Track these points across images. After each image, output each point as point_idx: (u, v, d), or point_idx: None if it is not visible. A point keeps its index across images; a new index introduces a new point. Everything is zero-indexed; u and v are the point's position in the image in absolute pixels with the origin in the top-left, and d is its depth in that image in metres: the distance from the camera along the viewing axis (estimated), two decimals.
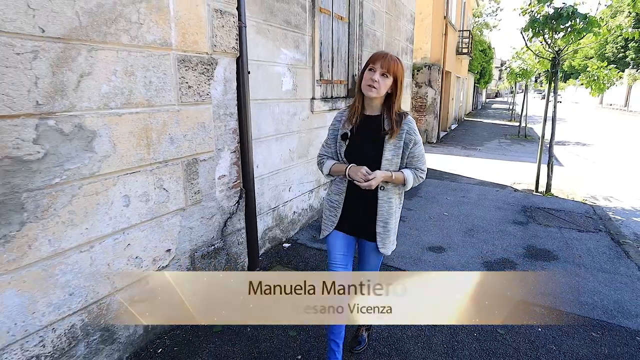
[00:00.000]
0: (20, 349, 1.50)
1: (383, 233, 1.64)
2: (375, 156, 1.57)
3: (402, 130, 1.57)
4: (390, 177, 1.56)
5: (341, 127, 1.65)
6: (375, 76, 1.52)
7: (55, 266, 1.57)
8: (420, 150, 1.63)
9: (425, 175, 1.66)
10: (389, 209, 1.63)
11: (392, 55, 1.56)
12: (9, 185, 1.39)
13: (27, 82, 1.40)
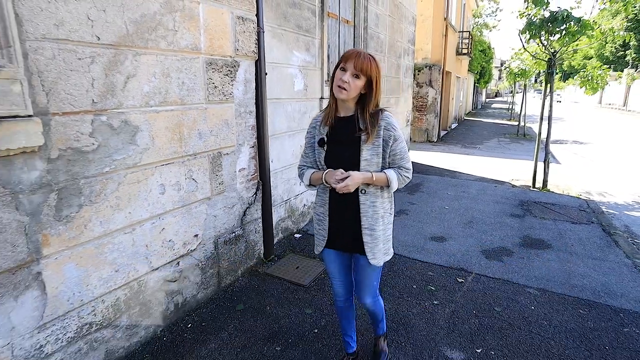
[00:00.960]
0: (77, 316, 1.72)
1: (371, 242, 1.51)
2: (353, 158, 1.46)
3: (379, 127, 1.45)
4: (370, 178, 1.44)
5: (317, 133, 1.55)
6: (346, 76, 1.39)
7: (104, 245, 1.79)
8: (402, 147, 1.50)
9: (412, 174, 1.55)
10: (373, 214, 1.51)
11: (365, 54, 1.42)
12: (70, 172, 1.61)
13: (85, 83, 1.62)
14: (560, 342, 2.13)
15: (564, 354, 2.03)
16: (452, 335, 2.16)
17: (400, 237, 3.54)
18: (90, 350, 1.80)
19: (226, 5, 2.31)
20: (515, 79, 12.02)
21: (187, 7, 2.05)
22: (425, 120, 10.64)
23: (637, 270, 2.99)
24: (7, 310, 1.46)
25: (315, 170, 1.57)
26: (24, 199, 1.46)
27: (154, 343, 2.07)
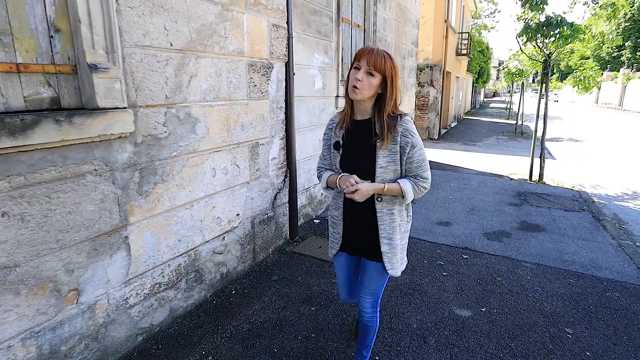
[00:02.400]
0: (151, 276, 2.06)
1: (389, 252, 1.47)
2: (369, 164, 1.41)
3: (397, 133, 1.37)
4: (382, 189, 1.39)
5: (333, 136, 1.52)
6: (359, 74, 1.33)
7: (171, 217, 2.13)
8: (421, 155, 1.41)
9: (430, 185, 1.46)
10: (391, 222, 1.47)
11: (379, 50, 1.36)
12: (149, 155, 1.95)
13: (161, 81, 1.96)
14: (552, 303, 2.49)
15: (555, 312, 2.39)
16: (460, 298, 2.52)
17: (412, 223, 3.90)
18: (159, 307, 2.14)
19: (264, 15, 2.66)
20: (513, 79, 12.42)
21: (234, 17, 2.39)
22: (426, 119, 11.01)
23: (620, 249, 3.36)
24: (105, 266, 1.81)
25: (332, 173, 1.53)
26: (118, 175, 1.81)
27: (206, 305, 2.41)
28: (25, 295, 1.52)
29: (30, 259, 1.52)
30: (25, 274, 1.51)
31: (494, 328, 2.22)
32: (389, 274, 1.55)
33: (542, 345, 2.08)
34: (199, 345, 2.04)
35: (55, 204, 1.57)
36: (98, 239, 1.76)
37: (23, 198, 1.47)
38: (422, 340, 2.10)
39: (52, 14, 1.56)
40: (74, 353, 1.73)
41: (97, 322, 1.81)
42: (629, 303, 2.51)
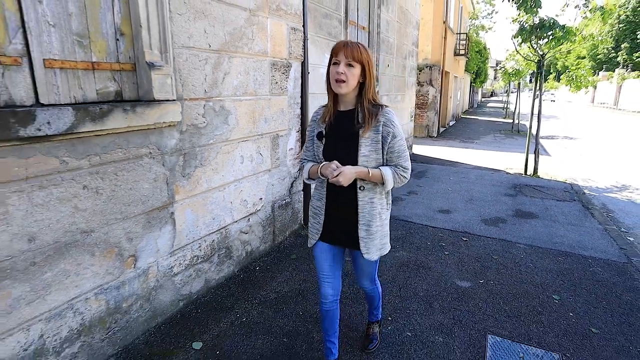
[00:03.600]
0: (190, 249, 2.34)
1: (366, 237, 1.54)
2: (352, 153, 1.46)
3: (379, 122, 1.44)
4: (366, 173, 1.44)
5: (316, 127, 1.57)
6: (341, 68, 1.40)
7: (207, 198, 2.42)
8: (401, 145, 1.48)
9: (409, 175, 1.52)
10: (371, 210, 1.52)
11: (353, 42, 1.44)
12: (191, 142, 2.24)
13: (201, 78, 2.25)
14: (542, 276, 2.80)
15: (544, 282, 2.70)
16: (460, 273, 2.82)
17: (414, 211, 4.20)
18: (196, 277, 2.43)
19: (284, 19, 2.95)
20: (510, 79, 12.76)
21: (260, 22, 2.68)
22: (426, 117, 11.33)
23: (606, 233, 3.67)
24: (155, 237, 2.09)
25: (314, 164, 1.57)
26: (167, 158, 2.09)
27: (234, 279, 2.70)
28: (98, 257, 1.80)
29: (102, 226, 1.80)
30: (98, 239, 1.79)
31: (490, 296, 2.52)
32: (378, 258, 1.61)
33: (532, 309, 2.38)
34: (233, 310, 2.33)
35: (120, 180, 1.86)
36: (151, 213, 2.05)
37: (98, 174, 1.75)
38: (429, 305, 2.40)
39: (119, 21, 1.85)
40: (132, 310, 2.02)
41: (149, 286, 2.10)
42: (610, 276, 2.82)
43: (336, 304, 1.72)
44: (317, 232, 1.64)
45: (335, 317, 1.74)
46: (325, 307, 1.70)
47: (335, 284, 1.70)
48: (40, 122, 1.47)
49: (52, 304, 1.65)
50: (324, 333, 1.78)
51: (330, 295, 1.68)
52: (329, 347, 1.78)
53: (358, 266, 1.72)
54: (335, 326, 1.76)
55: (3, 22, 1.43)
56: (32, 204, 1.53)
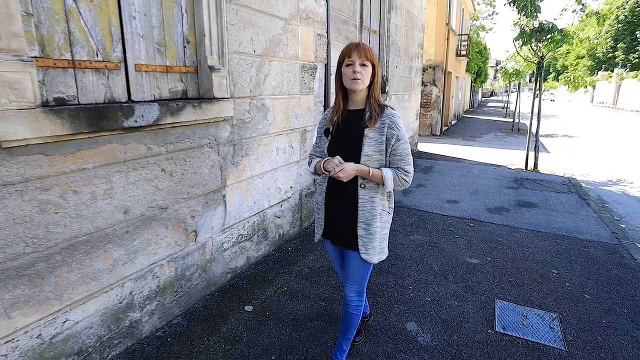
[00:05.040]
0: (237, 228, 2.69)
1: (365, 236, 1.53)
2: (355, 150, 1.49)
3: (384, 124, 1.48)
4: (366, 172, 1.46)
5: (325, 124, 1.62)
6: (357, 67, 1.46)
7: (251, 184, 2.77)
8: (405, 149, 1.50)
9: (411, 180, 1.53)
10: (371, 209, 1.53)
11: (363, 44, 1.51)
12: (239, 134, 2.58)
13: (247, 79, 2.59)
14: (542, 255, 3.15)
15: (544, 260, 3.05)
16: (469, 252, 3.17)
17: (424, 201, 4.56)
18: (240, 253, 2.77)
19: (311, 27, 3.29)
20: (510, 79, 13.11)
21: (293, 29, 3.03)
22: (429, 116, 11.68)
23: (600, 220, 4.03)
24: (211, 216, 2.43)
25: (320, 159, 1.59)
26: (221, 148, 2.43)
27: (270, 257, 3.04)
28: (170, 230, 2.14)
29: (173, 204, 2.14)
30: (171, 215, 2.14)
31: (497, 270, 2.87)
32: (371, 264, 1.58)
33: (534, 280, 2.73)
34: (274, 282, 2.67)
35: (188, 165, 2.20)
36: (209, 195, 2.39)
37: (172, 160, 2.10)
38: (443, 277, 2.75)
39: (186, 31, 2.19)
40: (193, 278, 2.36)
41: (205, 258, 2.44)
42: (602, 254, 3.18)
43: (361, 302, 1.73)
44: (321, 227, 1.66)
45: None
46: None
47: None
48: (137, 115, 1.82)
49: (139, 267, 1.99)
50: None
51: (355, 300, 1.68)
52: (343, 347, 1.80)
53: (350, 269, 1.64)
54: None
55: (109, 35, 1.78)
56: (128, 182, 1.87)
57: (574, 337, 2.12)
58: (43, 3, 1.52)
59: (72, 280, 1.68)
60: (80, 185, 1.66)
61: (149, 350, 1.98)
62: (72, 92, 1.67)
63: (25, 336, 1.53)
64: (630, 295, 2.55)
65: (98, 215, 1.75)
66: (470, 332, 2.14)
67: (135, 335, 2.03)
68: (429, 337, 2.10)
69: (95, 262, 1.76)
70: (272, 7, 2.76)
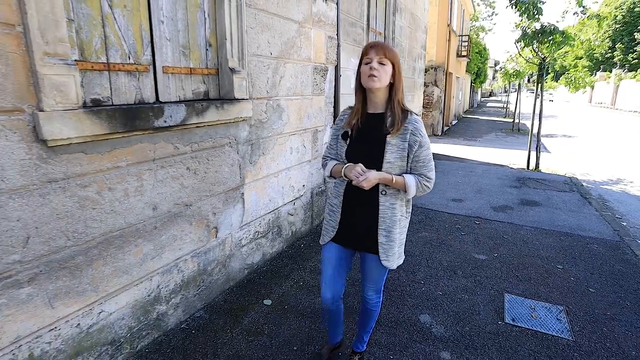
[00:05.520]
0: (254, 225, 2.77)
1: (386, 243, 1.52)
2: (376, 157, 1.45)
3: (406, 130, 1.44)
4: (389, 180, 1.43)
5: (343, 127, 1.57)
6: (374, 64, 1.41)
7: (267, 182, 2.85)
8: (427, 155, 1.47)
9: (432, 186, 1.50)
10: (392, 216, 1.51)
11: (383, 42, 1.47)
12: (256, 134, 2.66)
13: (264, 81, 2.68)
14: (547, 251, 3.25)
15: (549, 256, 3.15)
16: (477, 248, 3.27)
17: (430, 200, 4.65)
18: (256, 250, 2.86)
19: (323, 29, 3.38)
20: (510, 79, 13.23)
21: (306, 32, 3.11)
22: (431, 116, 11.79)
23: (602, 218, 4.13)
24: (230, 213, 2.52)
25: (337, 163, 1.58)
26: (240, 147, 2.52)
27: (284, 253, 3.13)
28: (193, 226, 2.23)
29: (197, 201, 2.23)
30: (194, 211, 2.22)
31: (504, 265, 2.97)
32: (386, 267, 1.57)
33: (540, 275, 2.83)
34: (290, 277, 2.76)
35: (210, 164, 2.29)
36: (229, 193, 2.47)
37: (196, 158, 2.18)
38: (453, 272, 2.85)
39: (208, 34, 2.27)
40: (214, 273, 2.44)
41: (225, 254, 2.53)
42: (605, 251, 3.28)
43: (336, 304, 1.71)
44: (333, 230, 1.62)
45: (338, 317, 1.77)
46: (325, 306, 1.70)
47: (337, 288, 1.67)
48: (166, 116, 1.90)
49: (165, 261, 2.07)
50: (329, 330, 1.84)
51: (329, 300, 1.67)
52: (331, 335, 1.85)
53: (368, 272, 1.64)
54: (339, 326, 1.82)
55: (140, 39, 1.86)
56: (156, 180, 1.96)
57: (581, 328, 2.21)
58: (83, 9, 1.61)
59: (107, 273, 1.77)
60: (115, 183, 1.75)
61: (175, 341, 2.07)
62: (107, 93, 1.76)
63: (66, 325, 1.62)
64: (633, 290, 2.65)
65: (130, 211, 1.83)
66: (481, 324, 2.24)
67: (162, 327, 2.12)
68: (442, 328, 2.19)
69: (127, 256, 1.85)
70: (288, 11, 2.85)
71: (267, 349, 2.02)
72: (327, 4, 3.43)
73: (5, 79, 1.32)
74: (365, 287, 1.70)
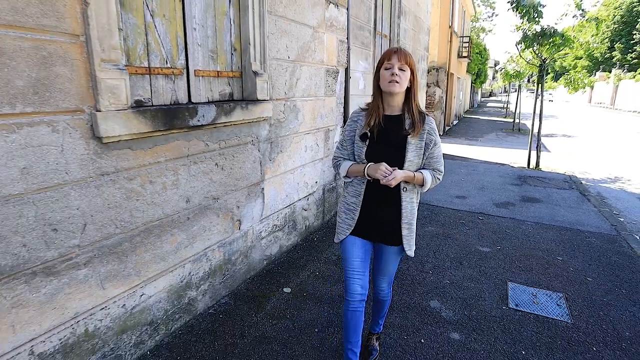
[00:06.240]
0: (272, 219, 2.95)
1: (408, 235, 1.63)
2: (398, 157, 1.55)
3: (424, 130, 1.56)
4: (412, 177, 1.54)
5: (359, 128, 1.62)
6: (395, 70, 1.50)
7: (284, 178, 3.02)
8: (440, 152, 1.61)
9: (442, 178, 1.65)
10: (412, 209, 1.63)
11: (402, 49, 1.55)
12: (275, 133, 2.83)
13: (282, 82, 2.85)
14: (547, 244, 3.42)
15: (550, 248, 3.33)
16: (481, 242, 3.44)
17: (434, 197, 4.83)
18: (274, 242, 3.03)
19: (335, 34, 3.55)
20: (511, 80, 13.40)
21: (319, 36, 3.29)
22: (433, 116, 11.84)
23: (600, 214, 4.31)
24: (252, 206, 2.69)
25: (353, 163, 1.63)
26: (261, 145, 2.69)
27: (299, 246, 3.30)
28: (220, 218, 2.40)
29: (223, 195, 2.40)
30: (221, 204, 2.39)
31: (506, 257, 3.15)
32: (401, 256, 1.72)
33: (541, 266, 3.00)
34: (306, 267, 2.93)
35: (235, 160, 2.46)
36: (251, 187, 2.64)
37: (223, 155, 2.35)
38: (459, 263, 3.02)
39: (233, 40, 2.44)
40: (237, 263, 2.61)
41: (247, 245, 2.70)
42: (602, 244, 3.46)
43: (363, 305, 1.68)
44: (349, 228, 1.66)
45: (360, 322, 1.69)
46: (351, 306, 1.66)
47: (364, 281, 1.68)
48: (199, 115, 2.07)
49: (196, 250, 2.24)
50: (346, 341, 1.70)
51: (359, 293, 1.65)
52: (350, 357, 1.70)
53: (384, 264, 1.73)
54: (359, 333, 1.70)
55: (176, 45, 2.03)
56: (190, 175, 2.12)
57: (579, 313, 2.39)
58: (130, 19, 1.78)
59: (147, 259, 1.93)
60: (155, 176, 1.92)
61: (205, 324, 2.24)
62: (148, 95, 1.92)
63: (114, 305, 1.79)
64: (628, 279, 2.83)
65: (167, 203, 2.00)
66: (487, 309, 2.41)
67: (192, 311, 2.29)
68: (451, 313, 2.36)
69: (164, 245, 2.02)
70: (304, 17, 3.02)
71: (290, 331, 2.19)
72: (339, 9, 3.60)
73: (71, 83, 1.49)
74: (378, 279, 1.81)
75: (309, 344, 2.08)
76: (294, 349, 2.04)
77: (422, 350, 2.04)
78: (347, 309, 1.68)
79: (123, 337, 1.85)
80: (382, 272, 1.77)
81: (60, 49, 1.44)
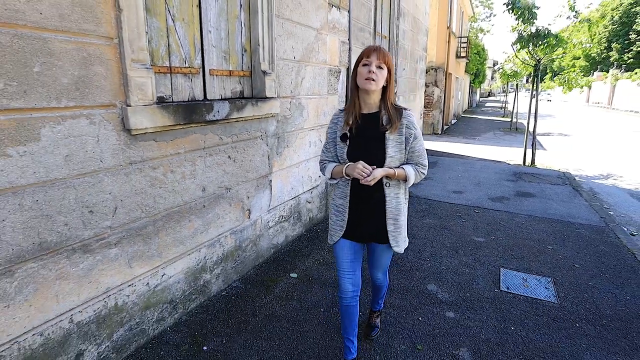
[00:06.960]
0: (279, 209, 3.13)
1: (394, 230, 1.63)
2: (378, 154, 1.55)
3: (402, 125, 1.56)
4: (392, 174, 1.55)
5: (339, 129, 1.64)
6: (372, 68, 1.50)
7: (290, 171, 3.20)
8: (421, 145, 1.61)
9: (427, 172, 1.65)
10: (397, 204, 1.63)
11: (382, 47, 1.56)
12: (282, 128, 3.01)
13: (288, 81, 3.03)
14: (539, 234, 3.61)
15: (541, 238, 3.52)
16: (476, 232, 3.63)
17: (432, 192, 5.02)
18: (281, 232, 3.20)
19: (337, 35, 3.74)
20: (508, 80, 13.61)
21: (323, 38, 3.47)
22: (431, 115, 12.16)
23: (590, 207, 4.51)
24: (261, 197, 2.87)
25: (337, 164, 1.65)
26: (269, 140, 2.87)
27: (303, 236, 3.48)
28: (232, 207, 2.58)
29: (235, 186, 2.58)
30: (233, 194, 2.57)
31: (500, 245, 3.33)
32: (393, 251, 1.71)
33: (532, 254, 3.19)
34: (311, 255, 3.11)
35: (246, 154, 2.64)
36: (259, 179, 2.82)
37: (235, 149, 2.53)
38: (454, 251, 3.20)
39: (244, 41, 2.62)
40: (247, 249, 2.79)
41: (256, 234, 2.87)
42: (591, 234, 3.65)
43: (356, 300, 1.76)
44: (341, 229, 1.69)
45: (355, 314, 1.77)
46: (345, 302, 1.74)
47: (355, 280, 1.75)
48: (214, 111, 2.25)
49: (210, 236, 2.42)
50: (343, 331, 1.81)
51: (350, 291, 1.73)
52: (347, 345, 1.81)
53: (376, 259, 1.81)
54: (354, 324, 1.79)
55: (194, 46, 2.21)
56: (205, 165, 2.30)
57: (565, 294, 2.57)
58: (154, 23, 1.96)
59: (168, 242, 2.11)
60: (175, 166, 2.10)
61: (219, 305, 2.41)
62: (168, 92, 2.10)
63: (140, 283, 1.97)
64: (612, 265, 3.02)
65: (185, 191, 2.18)
66: (480, 291, 2.59)
67: (206, 293, 2.47)
68: (447, 294, 2.55)
69: (183, 229, 2.20)
70: (308, 19, 3.20)
71: (298, 310, 2.37)
72: (341, 12, 3.78)
73: (106, 80, 1.66)
74: (372, 271, 1.91)
75: (316, 321, 2.26)
76: (302, 325, 2.22)
77: (420, 327, 2.22)
78: (342, 304, 1.78)
79: (147, 313, 2.03)
80: (376, 266, 1.85)
81: (97, 50, 1.62)
